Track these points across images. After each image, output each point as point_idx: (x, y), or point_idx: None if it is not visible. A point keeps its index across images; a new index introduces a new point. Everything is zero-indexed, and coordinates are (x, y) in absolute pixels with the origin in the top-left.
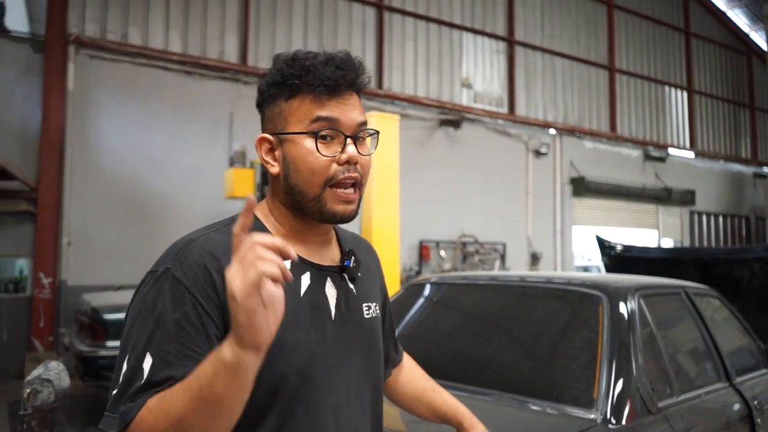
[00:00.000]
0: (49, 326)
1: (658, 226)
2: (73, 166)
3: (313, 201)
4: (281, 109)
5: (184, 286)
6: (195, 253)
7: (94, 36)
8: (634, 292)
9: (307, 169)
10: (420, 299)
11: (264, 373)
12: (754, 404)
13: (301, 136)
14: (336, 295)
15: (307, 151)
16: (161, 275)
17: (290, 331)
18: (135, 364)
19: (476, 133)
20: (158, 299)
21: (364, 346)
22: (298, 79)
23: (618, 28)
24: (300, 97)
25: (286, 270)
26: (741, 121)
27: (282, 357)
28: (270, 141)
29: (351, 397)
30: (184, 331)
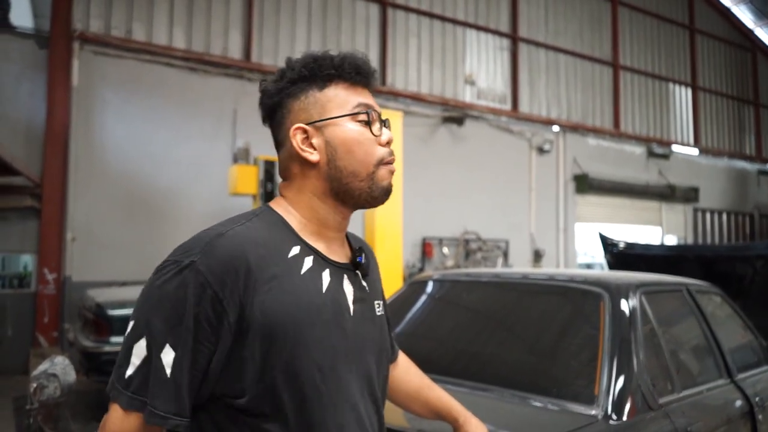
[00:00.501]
0: (54, 322)
1: (662, 223)
2: (77, 162)
3: (365, 180)
4: (316, 99)
5: (207, 281)
6: (222, 249)
7: (99, 32)
8: (635, 289)
9: (361, 150)
10: (422, 296)
11: (289, 371)
12: (756, 401)
13: (345, 119)
14: (353, 292)
15: (358, 132)
16: (186, 267)
17: (316, 328)
18: (155, 352)
19: (479, 130)
20: (180, 290)
21: (376, 344)
22: (334, 69)
23: (622, 25)
24: (334, 85)
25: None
26: (745, 118)
27: (308, 354)
28: (305, 130)
29: (365, 394)
30: (200, 326)
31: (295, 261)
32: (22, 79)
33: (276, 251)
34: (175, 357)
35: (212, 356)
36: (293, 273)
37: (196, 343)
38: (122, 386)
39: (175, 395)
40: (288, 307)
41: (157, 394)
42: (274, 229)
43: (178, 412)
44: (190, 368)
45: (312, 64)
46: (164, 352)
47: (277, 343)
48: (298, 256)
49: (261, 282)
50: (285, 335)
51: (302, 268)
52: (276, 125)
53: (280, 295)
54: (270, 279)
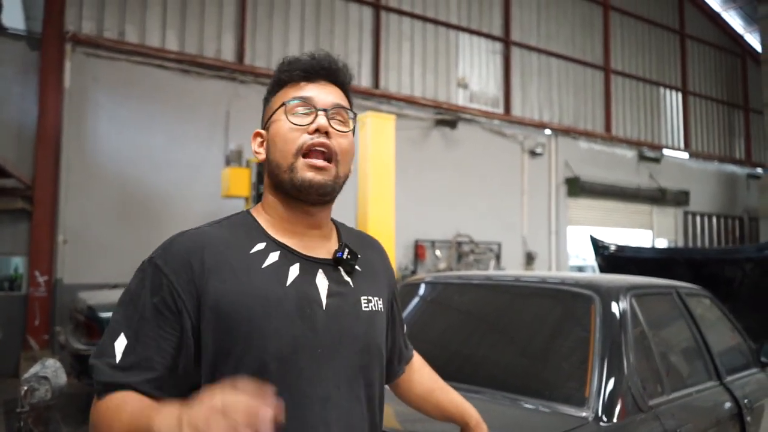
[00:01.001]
0: (45, 324)
1: (653, 226)
2: (69, 164)
3: (287, 171)
4: (270, 104)
5: (163, 273)
6: (179, 244)
7: (91, 34)
8: (626, 292)
9: (281, 140)
10: (414, 298)
11: (246, 360)
12: (744, 402)
13: (278, 113)
14: (328, 286)
15: (281, 123)
16: (146, 264)
17: (272, 319)
18: (109, 341)
19: (472, 133)
20: (140, 285)
21: (359, 339)
22: (283, 73)
23: (613, 29)
24: (284, 89)
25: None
26: (735, 122)
27: (263, 344)
28: (262, 135)
29: (342, 388)
30: (160, 315)
31: (257, 256)
32: (13, 81)
33: (236, 248)
34: (127, 345)
35: (180, 340)
36: (252, 267)
37: (158, 329)
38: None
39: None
40: (242, 298)
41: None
42: (240, 229)
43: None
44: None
45: (275, 73)
46: (118, 341)
47: (230, 333)
48: (261, 251)
49: (215, 274)
50: (238, 325)
51: (264, 263)
52: None
53: (235, 286)
54: (225, 272)
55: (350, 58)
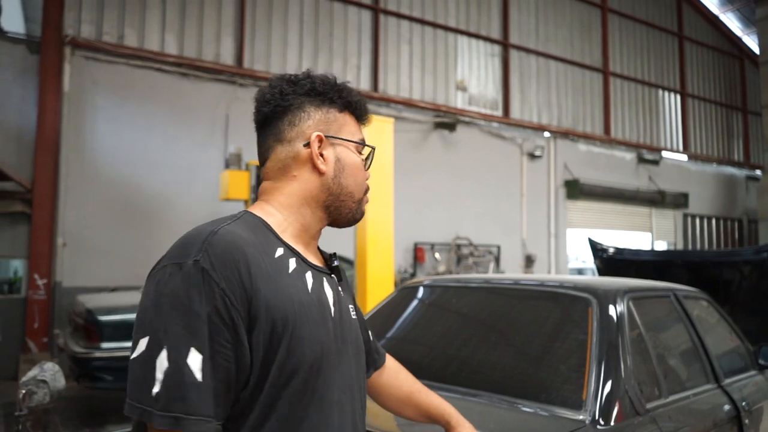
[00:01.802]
0: (44, 327)
1: (652, 228)
2: (68, 168)
3: (357, 202)
4: (336, 117)
5: (213, 279)
6: (221, 245)
7: (90, 37)
8: (623, 295)
9: (361, 176)
10: (413, 301)
11: (282, 365)
12: (742, 405)
13: (353, 146)
14: (333, 294)
15: (360, 162)
16: (191, 267)
17: (305, 325)
18: (179, 360)
19: (471, 136)
20: (189, 292)
21: (354, 345)
22: (353, 103)
23: (612, 32)
24: (349, 114)
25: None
26: (734, 124)
27: (301, 351)
28: (322, 140)
29: (347, 393)
30: (215, 326)
31: (282, 261)
32: (13, 85)
33: (263, 250)
34: (202, 359)
35: (236, 354)
36: (282, 272)
37: (213, 343)
38: (149, 405)
39: (213, 398)
40: (284, 303)
41: (194, 401)
42: (258, 231)
43: (217, 415)
44: (218, 370)
45: (335, 87)
46: (191, 358)
47: (276, 337)
48: (283, 256)
49: (259, 278)
50: (283, 330)
51: (289, 268)
52: (285, 124)
53: (276, 291)
54: (265, 275)
55: (349, 61)
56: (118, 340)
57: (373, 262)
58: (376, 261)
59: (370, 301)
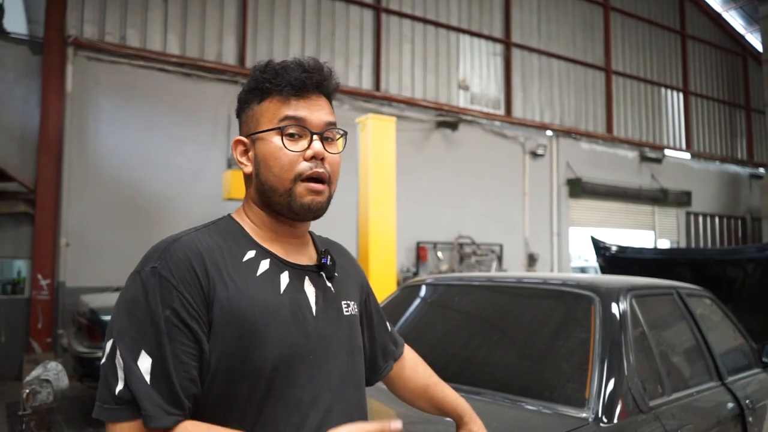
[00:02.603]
0: (48, 327)
1: (655, 227)
2: (71, 168)
3: (284, 195)
4: (254, 112)
5: (171, 284)
6: (180, 252)
7: (93, 38)
8: (626, 293)
9: (276, 165)
10: (415, 300)
11: (243, 367)
12: (746, 403)
13: (270, 133)
14: (315, 292)
15: (276, 147)
16: (148, 274)
17: (271, 327)
18: (129, 361)
19: (473, 135)
20: (147, 297)
21: (345, 343)
22: (269, 83)
23: (614, 30)
24: (269, 99)
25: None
26: (737, 122)
27: (262, 352)
28: (245, 143)
29: (333, 392)
30: (175, 328)
31: (250, 264)
32: (15, 85)
33: (229, 255)
34: (152, 362)
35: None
36: (248, 275)
37: (173, 343)
38: (114, 403)
39: (169, 397)
40: (243, 306)
41: (147, 399)
42: (228, 236)
43: (171, 411)
44: (174, 367)
45: (258, 75)
46: (140, 360)
47: (233, 342)
48: (253, 259)
49: (218, 281)
50: (241, 333)
51: (258, 270)
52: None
53: (236, 294)
54: (225, 279)
55: (351, 60)
56: None
57: (376, 262)
58: (379, 260)
59: None
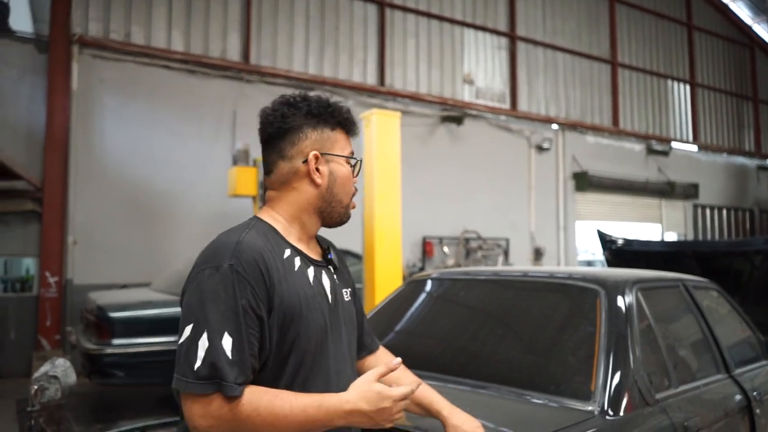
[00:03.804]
0: (56, 325)
1: (662, 220)
2: (77, 166)
3: (345, 208)
4: (328, 136)
5: (246, 279)
6: (249, 253)
7: (98, 36)
8: (631, 286)
9: (348, 186)
10: (421, 294)
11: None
12: (753, 395)
13: (343, 159)
14: (329, 283)
15: (349, 172)
16: (227, 270)
17: (312, 312)
18: (216, 341)
19: (478, 129)
20: (227, 289)
21: (349, 323)
22: (341, 119)
23: (620, 23)
24: (339, 131)
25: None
26: (744, 114)
27: (308, 331)
28: (318, 157)
29: (346, 362)
30: (248, 315)
31: (289, 261)
32: (21, 84)
33: (276, 254)
34: (233, 341)
35: (261, 334)
36: (290, 270)
37: (246, 327)
38: (193, 378)
39: (241, 370)
40: (293, 296)
41: (229, 372)
42: (269, 236)
43: (244, 382)
44: (246, 347)
45: (328, 108)
46: (224, 339)
47: (287, 323)
48: (290, 257)
49: (275, 278)
50: (292, 316)
51: (295, 266)
52: (287, 143)
53: (287, 287)
54: (278, 275)
55: (355, 55)
56: (130, 337)
57: (382, 257)
58: (385, 255)
59: (378, 295)
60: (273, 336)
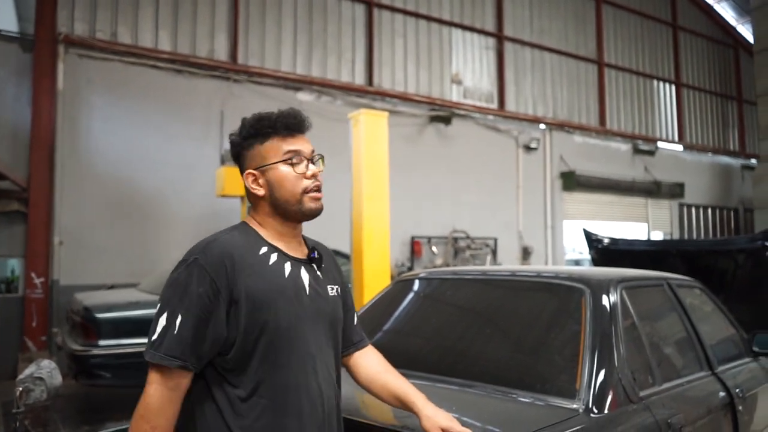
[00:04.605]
0: (42, 326)
1: (648, 219)
2: (63, 166)
3: (296, 205)
4: (258, 151)
5: (206, 270)
6: (215, 250)
7: (84, 35)
8: (616, 285)
9: (288, 185)
10: (408, 294)
11: (265, 328)
12: (736, 392)
13: (278, 164)
14: (309, 278)
15: (287, 172)
16: (191, 263)
17: (279, 300)
18: (171, 319)
19: (466, 129)
20: (188, 278)
21: (329, 315)
22: (270, 128)
23: (606, 23)
24: (271, 139)
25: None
26: (729, 114)
27: (278, 318)
28: (255, 174)
29: (323, 349)
30: (202, 300)
31: (265, 256)
32: (6, 83)
33: (251, 250)
34: (181, 320)
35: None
36: (264, 264)
37: (199, 311)
38: (151, 348)
39: (180, 344)
40: (262, 286)
41: (165, 344)
42: (249, 236)
43: (180, 356)
44: (194, 327)
45: (256, 124)
46: (177, 318)
47: (256, 310)
48: (266, 253)
49: (242, 271)
50: (261, 304)
51: (270, 261)
52: (239, 167)
53: (257, 278)
54: (248, 268)
55: (343, 55)
56: (116, 338)
57: (370, 256)
58: (373, 255)
59: (367, 295)
60: (240, 319)
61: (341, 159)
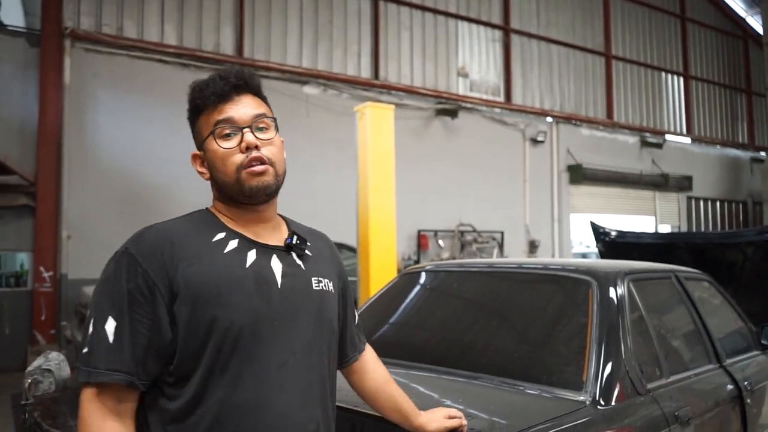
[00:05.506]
0: (51, 319)
1: (656, 212)
2: (70, 160)
3: (234, 185)
4: (197, 128)
5: (137, 261)
6: (148, 237)
7: (90, 29)
8: (623, 277)
9: (220, 163)
10: (415, 287)
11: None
12: (744, 385)
13: (210, 140)
14: (282, 268)
15: (215, 149)
16: (120, 255)
17: (233, 294)
18: (100, 327)
19: (473, 122)
20: (116, 273)
21: (312, 313)
22: (198, 99)
23: (614, 15)
24: (204, 113)
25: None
26: (738, 106)
27: (227, 313)
28: (200, 156)
29: (298, 355)
30: (134, 298)
31: (219, 243)
32: (13, 78)
33: (201, 237)
34: (116, 325)
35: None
36: (215, 252)
37: (132, 312)
38: (83, 364)
39: (118, 356)
40: (208, 278)
41: (100, 358)
42: (201, 222)
43: (121, 369)
44: (132, 332)
45: (190, 96)
46: (107, 324)
47: (200, 306)
48: (222, 239)
49: (183, 259)
50: (207, 299)
51: (226, 248)
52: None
53: (202, 268)
54: (192, 257)
55: (349, 48)
56: None
57: (376, 250)
58: (379, 248)
59: (373, 288)
60: (182, 316)
61: (347, 152)
